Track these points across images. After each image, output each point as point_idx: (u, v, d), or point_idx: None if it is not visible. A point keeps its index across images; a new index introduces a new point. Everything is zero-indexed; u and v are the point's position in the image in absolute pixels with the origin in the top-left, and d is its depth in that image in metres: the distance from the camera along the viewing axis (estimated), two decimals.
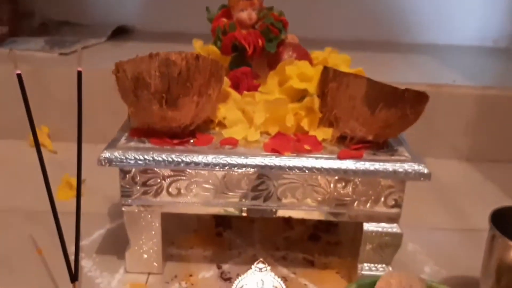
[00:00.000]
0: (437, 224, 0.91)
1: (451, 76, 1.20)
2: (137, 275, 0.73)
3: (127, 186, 0.66)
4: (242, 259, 0.78)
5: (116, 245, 0.78)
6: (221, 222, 0.88)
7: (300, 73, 0.70)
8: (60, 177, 0.95)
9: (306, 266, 0.77)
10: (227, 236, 0.84)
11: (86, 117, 1.15)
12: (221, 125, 0.70)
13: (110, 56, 0.63)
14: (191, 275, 0.74)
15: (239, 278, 0.58)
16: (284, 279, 0.73)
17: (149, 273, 0.73)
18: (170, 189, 0.66)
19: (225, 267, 0.76)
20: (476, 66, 1.39)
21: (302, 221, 0.89)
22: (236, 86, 0.73)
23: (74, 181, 0.94)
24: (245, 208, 0.67)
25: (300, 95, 0.71)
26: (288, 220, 0.89)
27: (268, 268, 0.58)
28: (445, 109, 1.14)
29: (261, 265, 0.58)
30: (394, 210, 0.67)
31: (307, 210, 0.67)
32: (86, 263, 0.75)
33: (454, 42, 1.53)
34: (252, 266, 0.58)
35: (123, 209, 0.68)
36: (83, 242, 0.80)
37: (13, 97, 1.11)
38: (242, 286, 0.58)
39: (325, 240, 0.84)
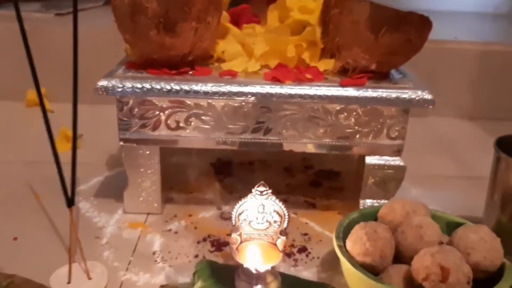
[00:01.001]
0: (440, 172, 0.90)
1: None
2: (135, 215, 0.71)
3: (125, 119, 0.65)
4: None
5: (114, 189, 0.77)
6: (221, 170, 0.86)
7: (301, 6, 0.68)
8: (57, 133, 0.94)
9: (307, 208, 0.76)
10: (227, 182, 0.83)
11: (82, 78, 1.14)
12: (221, 60, 0.69)
13: (107, 19, 0.62)
14: (190, 215, 0.72)
15: (239, 203, 0.57)
16: None
17: (148, 214, 0.72)
18: (168, 122, 0.65)
19: (225, 208, 0.75)
20: (477, 30, 1.37)
21: (303, 169, 0.88)
22: (236, 23, 0.72)
23: (71, 133, 0.93)
24: (245, 142, 0.66)
25: (301, 31, 0.69)
26: (288, 169, 0.88)
27: (269, 191, 0.56)
28: (447, 66, 1.13)
29: (262, 188, 0.56)
30: (397, 142, 0.66)
31: (308, 144, 0.66)
32: (83, 205, 0.74)
33: (455, 8, 1.51)
34: (253, 190, 0.56)
35: (120, 143, 0.67)
36: (80, 187, 0.79)
37: (9, 59, 1.11)
38: (242, 211, 0.57)
39: (327, 186, 0.83)
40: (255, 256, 0.56)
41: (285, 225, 0.58)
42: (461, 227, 0.55)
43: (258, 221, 0.57)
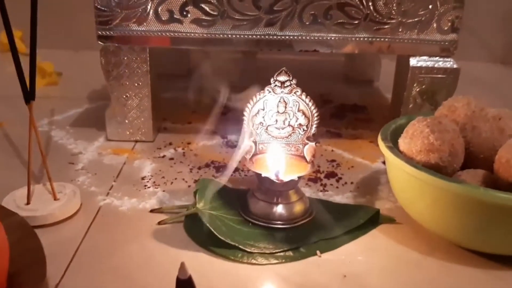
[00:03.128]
0: None
1: None
2: (120, 143, 0.58)
3: (103, 9, 0.51)
4: None
5: (96, 120, 0.63)
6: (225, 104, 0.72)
7: None
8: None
9: (331, 137, 0.62)
10: (232, 115, 0.69)
11: (66, 22, 1.01)
12: None
13: None
14: (189, 143, 0.58)
15: (254, 99, 0.43)
16: None
17: (136, 141, 0.58)
18: (159, 11, 0.51)
19: (232, 137, 0.61)
20: None
21: (321, 104, 0.74)
22: None
23: (46, 66, 0.79)
24: (257, 39, 0.52)
25: None
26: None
27: (293, 82, 0.43)
28: (478, 2, 0.99)
29: (283, 77, 0.42)
30: (450, 37, 0.52)
31: (337, 40, 0.52)
32: (56, 133, 0.60)
33: None
34: (271, 80, 0.43)
35: (99, 42, 0.53)
36: (55, 117, 0.65)
37: None
38: (258, 111, 0.43)
39: (352, 117, 0.69)
40: (277, 163, 0.42)
41: (313, 130, 0.44)
42: None
43: (277, 125, 0.44)
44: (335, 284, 0.35)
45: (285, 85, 0.42)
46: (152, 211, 0.44)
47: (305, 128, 0.44)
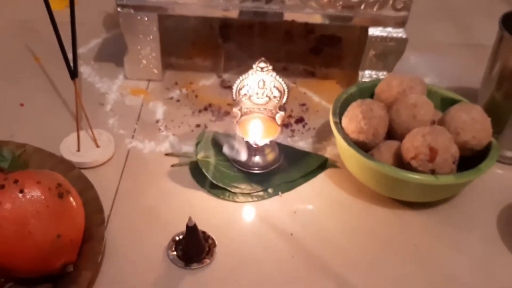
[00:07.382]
0: (442, 40, 0.88)
1: None
2: (137, 81, 0.72)
3: None
4: (242, 70, 0.76)
5: (114, 53, 0.77)
6: (220, 34, 0.85)
7: None
8: None
9: (306, 77, 0.77)
10: (226, 47, 0.82)
11: None
12: None
13: None
14: (191, 83, 0.73)
15: (240, 78, 0.58)
16: None
17: (149, 80, 0.73)
18: None
19: (225, 76, 0.75)
20: None
21: (304, 34, 0.86)
22: None
23: None
24: (246, 10, 0.64)
25: None
26: (289, 33, 0.86)
27: (270, 67, 0.57)
28: None
29: (262, 64, 0.57)
30: (402, 13, 0.64)
31: (311, 14, 0.64)
32: (84, 69, 0.75)
33: None
34: (254, 66, 0.57)
35: (118, 9, 0.65)
36: (80, 50, 0.79)
37: None
38: (243, 87, 0.58)
39: (327, 53, 0.82)
40: (255, 131, 0.58)
41: (284, 100, 0.59)
42: (454, 106, 0.56)
43: (258, 96, 0.59)
44: (287, 218, 0.54)
45: (264, 69, 0.57)
46: (166, 155, 0.61)
47: (278, 99, 0.59)
